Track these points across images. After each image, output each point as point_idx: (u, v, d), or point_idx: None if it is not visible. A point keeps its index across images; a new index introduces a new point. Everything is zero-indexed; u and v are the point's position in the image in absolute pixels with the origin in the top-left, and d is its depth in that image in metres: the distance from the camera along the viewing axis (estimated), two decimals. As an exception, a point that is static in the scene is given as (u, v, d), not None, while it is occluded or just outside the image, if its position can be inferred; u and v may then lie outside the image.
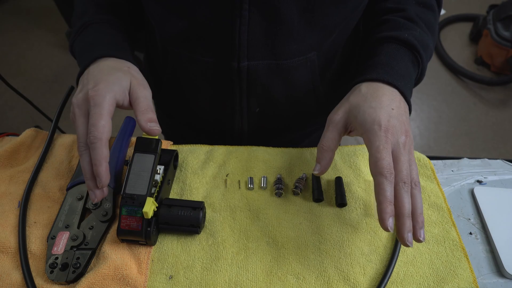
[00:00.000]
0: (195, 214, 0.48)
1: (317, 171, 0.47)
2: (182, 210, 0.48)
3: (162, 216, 0.48)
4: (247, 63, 0.55)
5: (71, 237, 0.49)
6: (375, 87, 0.47)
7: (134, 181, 0.46)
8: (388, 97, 0.46)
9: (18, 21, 2.56)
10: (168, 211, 0.48)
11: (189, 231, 0.49)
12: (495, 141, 1.91)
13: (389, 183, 0.40)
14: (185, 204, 0.49)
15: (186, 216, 0.48)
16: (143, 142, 0.48)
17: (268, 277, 0.48)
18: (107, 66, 0.49)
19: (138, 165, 0.47)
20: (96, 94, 0.44)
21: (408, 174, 0.42)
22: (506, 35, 2.08)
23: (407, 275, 0.48)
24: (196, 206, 0.49)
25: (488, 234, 0.53)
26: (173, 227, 0.49)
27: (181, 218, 0.48)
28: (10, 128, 1.89)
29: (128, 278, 0.45)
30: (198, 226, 0.48)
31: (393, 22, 0.55)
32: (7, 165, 0.59)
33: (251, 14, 0.50)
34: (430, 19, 0.57)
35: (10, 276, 0.46)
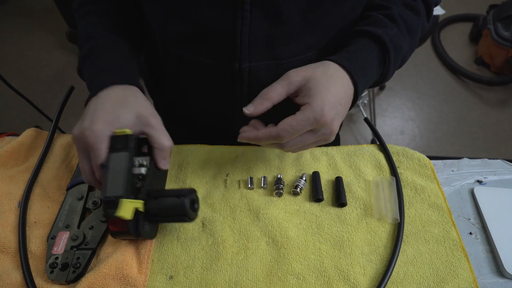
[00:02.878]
0: (180, 202, 0.46)
1: (249, 111, 0.47)
2: (168, 200, 0.46)
3: (151, 210, 0.46)
4: (248, 64, 0.55)
5: (71, 237, 0.49)
6: (340, 74, 0.48)
7: (112, 183, 0.44)
8: (344, 89, 0.48)
9: (18, 21, 2.56)
10: (155, 204, 0.46)
11: (179, 221, 0.48)
12: (495, 141, 1.91)
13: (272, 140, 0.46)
14: (171, 194, 0.47)
15: (172, 205, 0.46)
16: (116, 140, 0.46)
17: (268, 277, 0.48)
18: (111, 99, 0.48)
19: (114, 165, 0.45)
20: (92, 135, 0.45)
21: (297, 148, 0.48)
22: (506, 35, 2.08)
23: (407, 275, 0.48)
24: (180, 194, 0.46)
25: (488, 234, 0.53)
26: (164, 219, 0.48)
27: (168, 209, 0.46)
28: (10, 128, 1.89)
29: (128, 278, 0.45)
30: (184, 214, 0.46)
31: (373, 18, 0.55)
32: (7, 165, 0.59)
33: (252, 14, 0.50)
34: (413, 22, 0.57)
35: (10, 276, 0.46)
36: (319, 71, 0.47)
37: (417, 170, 0.60)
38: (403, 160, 0.61)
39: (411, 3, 0.58)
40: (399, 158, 0.62)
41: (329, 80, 0.47)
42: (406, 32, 0.56)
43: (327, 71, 0.48)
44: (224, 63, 0.56)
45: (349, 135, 1.93)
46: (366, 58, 0.52)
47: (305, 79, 0.47)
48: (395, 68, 0.57)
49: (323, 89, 0.46)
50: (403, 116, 2.02)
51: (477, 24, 2.36)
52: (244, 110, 0.47)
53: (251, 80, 0.58)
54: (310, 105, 0.45)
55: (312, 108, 0.44)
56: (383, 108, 2.06)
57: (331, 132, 0.46)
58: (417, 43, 0.61)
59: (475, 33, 2.38)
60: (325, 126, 0.45)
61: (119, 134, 0.46)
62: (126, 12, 0.60)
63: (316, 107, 0.44)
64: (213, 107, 0.66)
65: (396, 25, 0.55)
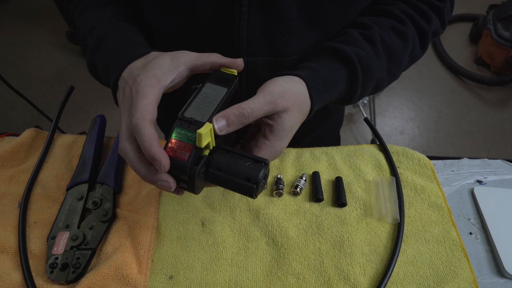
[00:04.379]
0: (256, 167, 0.38)
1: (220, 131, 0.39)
2: (242, 159, 0.39)
3: (216, 160, 0.39)
4: (246, 59, 0.55)
5: (71, 237, 0.49)
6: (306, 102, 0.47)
7: (196, 107, 0.38)
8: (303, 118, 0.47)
9: (18, 21, 2.56)
10: (224, 156, 0.39)
11: (242, 189, 0.39)
12: (495, 141, 1.91)
13: None
14: (247, 155, 0.40)
15: (245, 166, 0.39)
16: (219, 74, 0.42)
17: (268, 277, 0.48)
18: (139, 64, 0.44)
19: (206, 94, 0.40)
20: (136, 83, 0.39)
21: None
22: (506, 35, 2.08)
23: (407, 275, 0.48)
24: (260, 159, 0.39)
25: (488, 234, 0.53)
26: (226, 177, 0.39)
27: (237, 168, 0.39)
28: (10, 128, 1.89)
29: (128, 278, 0.45)
30: (256, 182, 0.38)
31: (347, 35, 0.53)
32: (7, 165, 0.59)
33: (250, 9, 0.50)
34: (396, 47, 0.54)
35: (10, 276, 0.46)
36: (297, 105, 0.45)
37: (417, 170, 0.60)
38: (403, 160, 0.61)
39: (399, 28, 0.55)
40: (399, 158, 0.62)
41: (298, 118, 0.46)
42: (384, 57, 0.54)
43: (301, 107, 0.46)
44: None
45: (349, 135, 1.93)
46: (331, 78, 0.50)
47: (285, 108, 0.43)
48: (365, 91, 0.54)
49: (290, 130, 0.45)
50: (403, 116, 2.03)
51: (477, 24, 2.36)
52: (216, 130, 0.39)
53: (249, 76, 0.58)
54: (272, 146, 0.44)
55: (272, 149, 0.44)
56: (383, 108, 2.06)
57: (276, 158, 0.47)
58: (400, 70, 0.58)
59: (475, 33, 2.38)
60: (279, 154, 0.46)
61: (224, 71, 0.42)
62: (127, 7, 0.60)
63: (276, 149, 0.44)
64: None
65: (372, 47, 0.52)
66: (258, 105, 0.41)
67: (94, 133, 0.61)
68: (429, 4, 0.57)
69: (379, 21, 0.55)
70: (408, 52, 0.57)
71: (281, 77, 0.47)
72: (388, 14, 0.56)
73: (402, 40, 0.55)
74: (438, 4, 0.57)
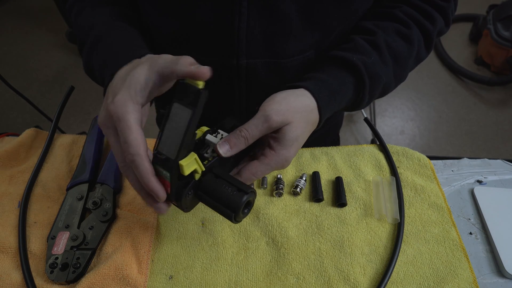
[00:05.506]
0: (238, 195, 0.40)
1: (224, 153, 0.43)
2: (227, 186, 0.41)
3: (204, 183, 0.41)
4: (245, 61, 0.55)
5: (71, 237, 0.49)
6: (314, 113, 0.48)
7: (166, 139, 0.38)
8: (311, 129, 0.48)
9: (18, 21, 2.56)
10: (213, 182, 0.41)
11: (224, 214, 0.41)
12: (495, 141, 1.91)
13: None
14: (234, 182, 0.41)
15: (228, 194, 0.40)
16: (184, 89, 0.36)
17: (268, 277, 0.48)
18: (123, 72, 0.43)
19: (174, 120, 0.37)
20: (115, 107, 0.39)
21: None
22: (506, 35, 2.08)
23: (407, 275, 0.48)
24: (242, 189, 0.40)
25: (488, 234, 0.53)
26: (210, 201, 0.41)
27: (221, 194, 0.40)
28: (10, 128, 1.89)
29: (128, 278, 0.45)
30: (234, 210, 0.40)
31: (353, 43, 0.53)
32: (7, 165, 0.59)
33: (250, 11, 0.50)
34: (402, 51, 0.54)
35: (10, 276, 0.46)
36: (299, 117, 0.46)
37: (417, 170, 0.60)
38: (403, 160, 0.61)
39: (404, 31, 0.55)
40: (399, 158, 0.62)
41: (304, 129, 0.46)
42: (391, 61, 0.54)
43: (307, 117, 0.47)
44: (222, 59, 0.56)
45: (349, 135, 1.93)
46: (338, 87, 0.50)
47: (284, 123, 0.45)
48: (373, 97, 0.55)
49: (295, 141, 0.45)
50: (403, 116, 2.02)
51: (477, 24, 2.36)
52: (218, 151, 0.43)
53: (249, 77, 0.58)
54: (276, 154, 0.45)
55: (278, 158, 0.45)
56: (383, 108, 2.06)
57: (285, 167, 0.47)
58: (406, 73, 0.58)
59: (475, 33, 2.38)
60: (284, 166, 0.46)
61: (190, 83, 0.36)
62: (125, 7, 0.59)
63: (281, 157, 0.45)
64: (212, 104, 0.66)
65: (378, 53, 0.52)
66: (254, 126, 0.44)
67: (94, 133, 0.61)
68: (433, 4, 0.57)
69: (383, 25, 0.55)
70: (414, 54, 0.57)
71: (281, 92, 0.47)
72: (392, 17, 0.56)
73: (407, 43, 0.55)
74: (442, 4, 0.57)
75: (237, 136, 0.43)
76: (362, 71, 0.50)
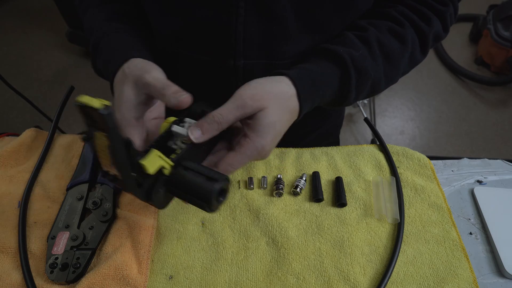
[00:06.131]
0: (208, 186, 0.38)
1: (196, 139, 0.41)
2: (197, 177, 0.39)
3: (174, 179, 0.40)
4: (243, 62, 0.55)
5: (71, 237, 0.49)
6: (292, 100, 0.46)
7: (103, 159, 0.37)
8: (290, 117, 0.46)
9: (18, 21, 2.56)
10: (182, 175, 0.40)
11: (197, 205, 0.40)
12: (495, 141, 1.91)
13: None
14: (203, 172, 0.40)
15: (199, 185, 0.39)
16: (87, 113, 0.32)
17: (268, 277, 0.48)
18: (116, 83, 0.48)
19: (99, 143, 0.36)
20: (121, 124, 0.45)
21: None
22: (506, 35, 2.08)
23: (407, 275, 0.48)
24: (213, 177, 0.39)
25: (488, 234, 0.53)
26: (182, 194, 0.41)
27: (193, 187, 0.39)
28: (10, 128, 1.89)
29: (128, 278, 0.45)
30: (207, 201, 0.39)
31: (342, 38, 0.53)
32: (7, 165, 0.59)
33: (247, 12, 0.50)
34: (394, 49, 0.53)
35: (10, 276, 0.46)
36: (275, 103, 0.44)
37: (417, 170, 0.60)
38: (403, 160, 0.61)
39: (397, 30, 0.54)
40: (399, 158, 0.62)
41: (281, 116, 0.44)
42: (381, 58, 0.53)
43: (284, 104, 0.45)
44: (219, 60, 0.56)
45: (349, 135, 1.93)
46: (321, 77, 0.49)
47: (259, 108, 0.43)
48: (360, 93, 0.53)
49: (271, 127, 0.43)
50: (403, 116, 2.03)
51: (477, 24, 2.36)
52: (190, 137, 0.42)
53: (246, 78, 0.58)
54: (252, 142, 0.43)
55: (253, 146, 0.43)
56: (383, 108, 2.06)
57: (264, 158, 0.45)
58: (398, 73, 0.57)
59: (475, 33, 2.38)
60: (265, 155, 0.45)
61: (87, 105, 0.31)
62: (127, 4, 0.60)
63: (257, 145, 0.43)
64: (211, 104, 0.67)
65: (367, 48, 0.52)
66: (227, 110, 0.43)
67: (94, 133, 0.60)
68: (430, 7, 0.56)
69: (376, 23, 0.54)
70: (407, 55, 0.55)
71: (259, 79, 0.47)
72: (386, 16, 0.55)
73: (400, 42, 0.54)
74: (440, 7, 0.56)
75: (209, 121, 0.42)
76: (348, 62, 0.49)
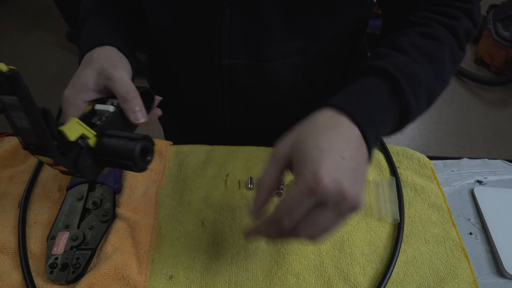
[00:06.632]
0: (130, 145, 0.41)
1: (253, 211, 0.38)
2: (120, 140, 0.41)
3: (99, 146, 0.42)
4: (227, 61, 0.55)
5: (71, 237, 0.49)
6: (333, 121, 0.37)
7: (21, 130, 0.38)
8: (342, 139, 0.36)
9: (18, 21, 2.56)
10: (105, 141, 0.42)
11: (125, 167, 0.42)
12: (495, 141, 1.91)
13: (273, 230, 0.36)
14: (125, 135, 0.42)
15: (121, 147, 0.41)
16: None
17: (268, 277, 0.48)
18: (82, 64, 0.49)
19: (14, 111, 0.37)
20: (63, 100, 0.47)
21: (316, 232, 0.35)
22: (506, 35, 2.08)
23: (407, 275, 0.48)
24: (134, 138, 0.41)
25: (488, 234, 0.53)
26: (109, 160, 0.42)
27: (116, 150, 0.41)
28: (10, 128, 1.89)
29: (128, 278, 0.45)
30: (131, 159, 0.40)
31: (374, 54, 0.47)
32: (7, 165, 0.59)
33: (232, 13, 0.50)
34: (430, 48, 0.47)
35: (10, 276, 0.46)
36: (305, 130, 0.38)
37: (417, 170, 0.60)
38: (403, 160, 0.61)
39: (427, 31, 0.48)
40: (399, 158, 0.62)
41: (318, 135, 0.36)
42: (424, 61, 0.45)
43: (315, 125, 0.37)
44: (204, 58, 0.57)
45: (349, 135, 1.93)
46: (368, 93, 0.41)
47: (291, 147, 0.37)
48: (421, 103, 0.44)
49: (312, 149, 0.35)
50: (403, 116, 2.03)
51: (477, 24, 2.36)
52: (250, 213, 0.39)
53: (231, 78, 0.58)
54: (300, 173, 0.35)
55: (303, 176, 0.34)
56: (383, 108, 2.06)
57: (346, 198, 0.33)
58: (447, 73, 0.48)
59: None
60: (330, 193, 0.33)
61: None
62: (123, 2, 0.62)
63: (307, 173, 0.34)
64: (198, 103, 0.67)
65: (405, 55, 0.45)
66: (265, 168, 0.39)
67: (94, 133, 0.61)
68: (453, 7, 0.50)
69: (401, 32, 0.49)
70: (448, 52, 0.48)
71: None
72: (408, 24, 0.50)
73: (435, 40, 0.47)
74: (463, 5, 0.50)
75: (256, 187, 0.39)
76: (392, 71, 0.42)
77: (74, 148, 0.40)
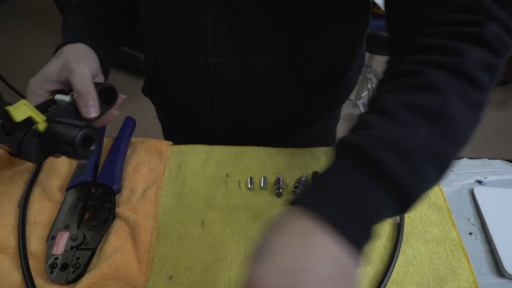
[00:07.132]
0: (72, 131, 0.42)
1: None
2: (65, 126, 0.43)
3: (46, 131, 0.44)
4: (214, 60, 0.55)
5: (71, 237, 0.49)
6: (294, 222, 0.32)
7: None
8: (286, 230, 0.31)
9: (18, 21, 2.56)
10: (53, 127, 0.44)
11: (67, 153, 0.43)
12: (495, 141, 1.91)
13: None
14: (72, 122, 0.44)
15: (64, 132, 0.43)
16: None
17: (268, 277, 0.48)
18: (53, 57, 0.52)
19: None
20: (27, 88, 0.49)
21: None
22: (506, 35, 2.08)
23: (407, 275, 0.48)
24: (80, 125, 0.43)
25: (488, 234, 0.53)
26: (54, 145, 0.44)
27: (61, 136, 0.43)
28: (10, 128, 1.89)
29: (128, 278, 0.45)
30: (72, 145, 0.42)
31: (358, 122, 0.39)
32: (7, 165, 0.59)
33: (216, 11, 0.51)
34: (424, 103, 0.36)
35: (10, 276, 0.46)
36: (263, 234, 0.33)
37: (417, 170, 0.60)
38: (403, 160, 0.61)
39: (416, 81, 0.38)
40: (399, 158, 0.61)
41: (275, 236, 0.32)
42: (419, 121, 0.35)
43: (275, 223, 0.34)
44: (191, 56, 0.57)
45: (349, 135, 1.93)
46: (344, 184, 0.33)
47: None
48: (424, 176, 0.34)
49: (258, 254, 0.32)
50: (403, 116, 2.02)
51: (477, 24, 2.36)
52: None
53: (218, 76, 0.58)
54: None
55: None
56: (383, 108, 2.06)
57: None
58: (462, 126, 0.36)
59: (475, 33, 2.38)
60: None
61: None
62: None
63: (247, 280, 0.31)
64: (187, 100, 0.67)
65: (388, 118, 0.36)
66: None
67: (94, 133, 0.61)
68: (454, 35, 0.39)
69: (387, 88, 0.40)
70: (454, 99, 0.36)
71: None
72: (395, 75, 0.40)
73: (430, 91, 0.37)
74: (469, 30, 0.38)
75: None
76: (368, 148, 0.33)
77: (20, 129, 0.41)
